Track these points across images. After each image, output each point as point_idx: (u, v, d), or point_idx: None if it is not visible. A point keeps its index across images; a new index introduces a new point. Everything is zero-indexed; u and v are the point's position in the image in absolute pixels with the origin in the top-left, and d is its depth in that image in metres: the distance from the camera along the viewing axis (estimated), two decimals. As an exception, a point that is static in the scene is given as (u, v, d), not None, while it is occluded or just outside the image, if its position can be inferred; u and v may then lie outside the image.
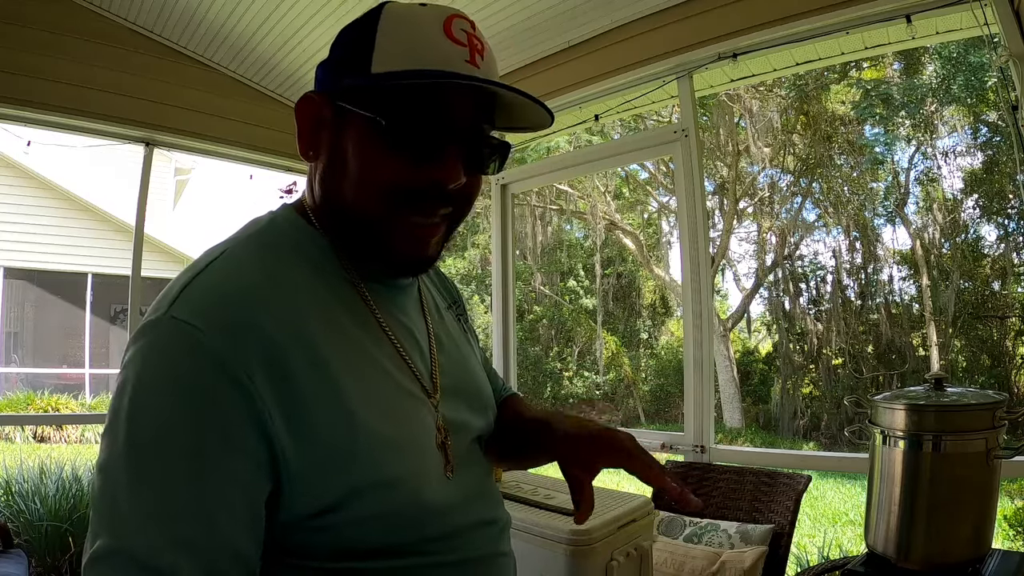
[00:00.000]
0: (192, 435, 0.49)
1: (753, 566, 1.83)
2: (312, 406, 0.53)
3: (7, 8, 2.72)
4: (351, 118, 0.59)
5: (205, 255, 0.59)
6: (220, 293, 0.54)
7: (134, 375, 0.51)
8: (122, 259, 8.51)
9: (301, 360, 0.54)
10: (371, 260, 0.64)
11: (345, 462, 0.54)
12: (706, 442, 2.44)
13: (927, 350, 9.11)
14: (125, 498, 0.47)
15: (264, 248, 0.61)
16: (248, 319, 0.53)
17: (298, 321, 0.56)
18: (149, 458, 0.48)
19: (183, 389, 0.50)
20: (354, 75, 0.58)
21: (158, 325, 0.52)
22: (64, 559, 3.29)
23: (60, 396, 8.49)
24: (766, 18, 2.31)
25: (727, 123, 10.06)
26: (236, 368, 0.50)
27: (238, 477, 0.50)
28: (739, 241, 11.56)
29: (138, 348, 0.52)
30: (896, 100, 8.94)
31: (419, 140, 0.58)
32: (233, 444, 0.50)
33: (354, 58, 0.59)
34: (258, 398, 0.51)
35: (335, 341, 0.58)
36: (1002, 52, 1.86)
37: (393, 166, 0.58)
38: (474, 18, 0.63)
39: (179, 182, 11.27)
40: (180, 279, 0.56)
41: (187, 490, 0.48)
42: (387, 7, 0.60)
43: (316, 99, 0.62)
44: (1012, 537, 4.01)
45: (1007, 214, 8.64)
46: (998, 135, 8.47)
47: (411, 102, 0.57)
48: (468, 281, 12.89)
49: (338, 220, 0.63)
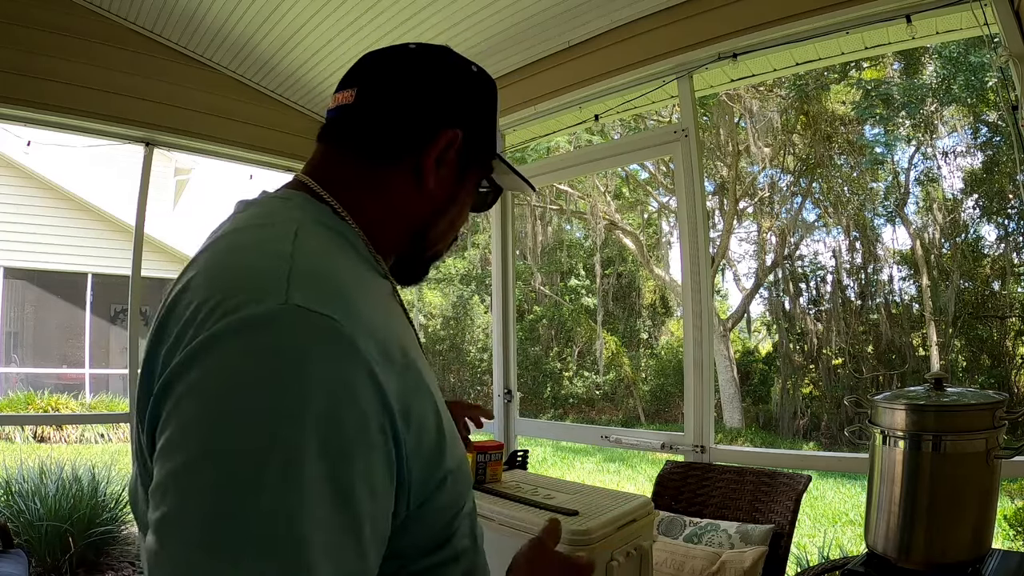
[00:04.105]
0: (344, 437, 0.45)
1: (753, 566, 1.83)
2: (416, 399, 0.52)
3: (8, 9, 2.72)
4: (474, 175, 0.72)
5: (263, 235, 0.55)
6: (335, 282, 0.51)
7: (271, 377, 0.43)
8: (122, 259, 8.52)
9: (397, 348, 0.52)
10: (399, 267, 0.70)
11: (441, 451, 0.55)
12: (706, 442, 2.44)
13: (927, 350, 9.11)
14: (304, 524, 0.41)
15: (324, 234, 0.59)
16: (359, 308, 0.50)
17: (383, 313, 0.56)
18: (317, 478, 0.42)
19: (337, 390, 0.45)
20: (489, 145, 0.72)
21: (283, 315, 0.46)
22: (64, 559, 3.29)
23: (60, 396, 8.49)
24: (766, 18, 2.31)
25: (727, 123, 10.06)
26: (372, 362, 0.48)
27: (381, 481, 0.48)
28: (739, 241, 11.57)
29: (261, 346, 0.45)
30: (896, 100, 8.94)
31: (491, 206, 0.80)
32: (379, 450, 0.47)
33: (490, 130, 0.72)
34: (388, 394, 0.48)
35: (402, 332, 0.58)
36: (1002, 52, 1.86)
37: (466, 217, 0.75)
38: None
39: (179, 182, 11.26)
40: (268, 263, 0.50)
41: (357, 509, 0.45)
42: (497, 94, 0.74)
43: (449, 138, 0.66)
44: (1012, 537, 4.01)
45: (1007, 214, 8.64)
46: (998, 135, 8.47)
47: (493, 178, 0.76)
48: (468, 281, 12.89)
49: (397, 235, 0.67)
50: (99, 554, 3.47)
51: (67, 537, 3.32)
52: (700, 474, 2.27)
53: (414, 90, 0.65)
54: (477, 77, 0.70)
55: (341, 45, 3.07)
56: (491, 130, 0.71)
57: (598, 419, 11.47)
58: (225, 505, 0.40)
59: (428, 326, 12.87)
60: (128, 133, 3.14)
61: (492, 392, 3.44)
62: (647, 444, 2.98)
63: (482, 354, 12.32)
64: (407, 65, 0.67)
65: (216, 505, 0.40)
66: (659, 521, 2.09)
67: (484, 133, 0.70)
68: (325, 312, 0.47)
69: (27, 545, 3.19)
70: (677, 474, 2.31)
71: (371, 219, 0.64)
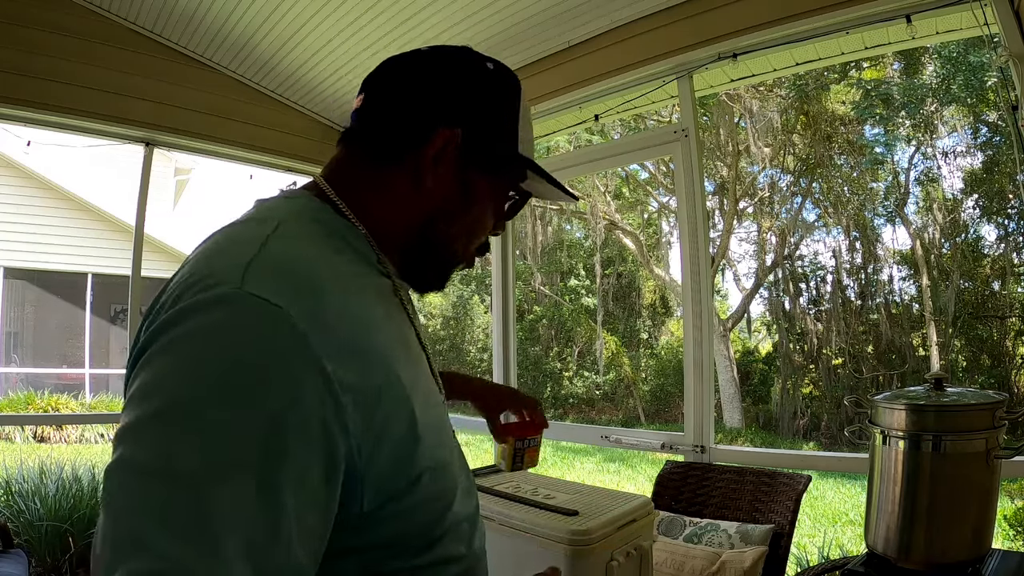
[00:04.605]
0: (279, 429, 0.45)
1: (753, 566, 1.83)
2: (383, 396, 0.53)
3: (8, 9, 2.72)
4: (488, 176, 0.69)
5: (250, 228, 0.57)
6: (294, 273, 0.52)
7: (208, 353, 0.46)
8: (122, 259, 8.51)
9: (368, 348, 0.53)
10: (410, 271, 0.70)
11: (412, 450, 0.55)
12: (706, 442, 2.44)
13: (927, 350, 9.12)
14: (216, 496, 0.42)
15: (313, 231, 0.60)
16: (323, 302, 0.51)
17: (361, 309, 0.56)
18: (240, 451, 0.43)
19: (274, 375, 0.46)
20: (504, 146, 0.69)
21: (232, 300, 0.48)
22: (64, 559, 3.29)
23: (60, 396, 8.49)
24: (766, 18, 2.31)
25: (727, 123, 10.06)
26: (322, 357, 0.48)
27: (315, 476, 0.48)
28: (739, 241, 11.58)
29: (209, 322, 0.47)
30: (896, 100, 8.94)
31: (516, 210, 0.77)
32: (316, 443, 0.47)
33: (504, 129, 0.70)
34: (340, 390, 0.49)
35: (389, 330, 0.59)
36: (1002, 52, 1.86)
37: (492, 222, 0.73)
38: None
39: (179, 182, 11.27)
40: (234, 252, 0.52)
41: (275, 492, 0.44)
42: (522, 92, 0.72)
43: (447, 136, 0.65)
44: (1012, 537, 4.01)
45: (1007, 214, 8.64)
46: (998, 135, 8.47)
47: (519, 180, 0.73)
48: (468, 281, 12.89)
49: (407, 237, 0.67)
50: (99, 554, 3.47)
51: (67, 537, 3.32)
52: (700, 474, 2.27)
53: (414, 89, 0.66)
54: (491, 74, 0.69)
55: (341, 45, 3.07)
56: (503, 129, 0.69)
57: (598, 419, 11.47)
58: (149, 483, 0.42)
59: (428, 326, 12.88)
60: (128, 133, 3.13)
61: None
62: (647, 444, 2.98)
63: (482, 354, 12.33)
64: (412, 66, 0.68)
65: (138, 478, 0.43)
66: (659, 521, 2.09)
67: (493, 131, 0.68)
68: (275, 302, 0.48)
69: (27, 545, 3.19)
70: (677, 474, 2.31)
71: (376, 217, 0.65)
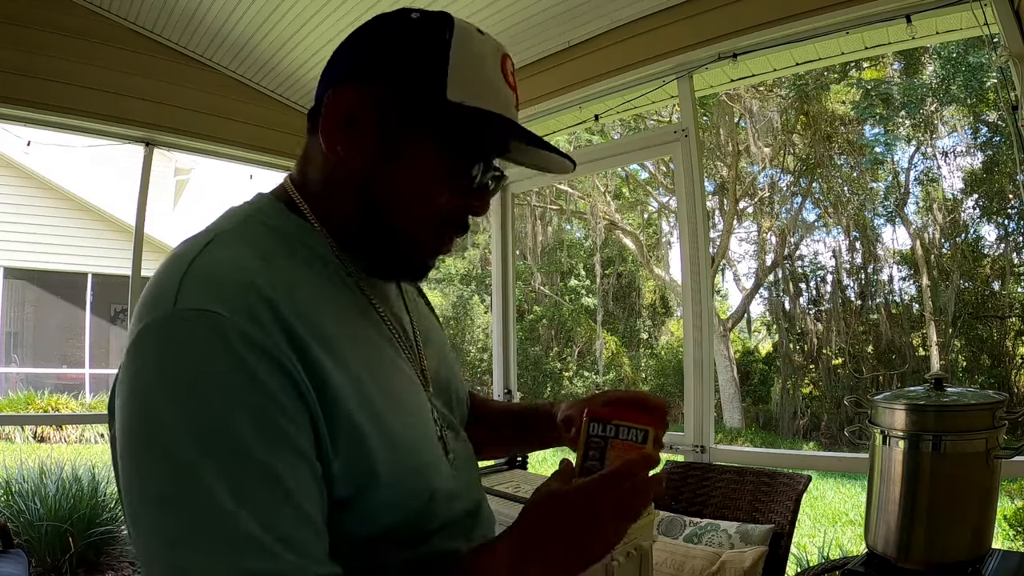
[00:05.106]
0: (259, 424, 0.46)
1: (753, 566, 1.83)
2: (337, 392, 0.52)
3: (7, 8, 2.72)
4: (418, 134, 0.59)
5: (191, 243, 0.55)
6: (226, 276, 0.51)
7: (163, 374, 0.46)
8: (122, 259, 8.51)
9: (318, 344, 0.52)
10: (375, 261, 0.64)
11: (369, 449, 0.53)
12: (706, 442, 2.44)
13: (927, 350, 9.12)
14: (222, 510, 0.43)
15: (257, 232, 0.58)
16: (264, 301, 0.50)
17: (307, 306, 0.54)
18: (231, 464, 0.45)
19: (233, 379, 0.46)
20: (427, 93, 0.58)
21: (165, 323, 0.48)
22: (64, 559, 3.29)
23: (60, 396, 8.49)
24: (766, 18, 2.31)
25: (727, 123, 10.06)
26: (272, 348, 0.48)
27: (307, 457, 0.49)
28: (739, 241, 11.58)
29: (150, 351, 0.47)
30: (896, 100, 8.94)
31: (475, 174, 0.62)
32: (295, 424, 0.48)
33: (426, 74, 0.58)
34: (300, 379, 0.49)
35: (343, 327, 0.57)
36: (1002, 52, 1.86)
37: (447, 192, 0.61)
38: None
39: (179, 182, 11.27)
40: (170, 272, 0.52)
41: (279, 485, 0.46)
42: (457, 29, 0.59)
43: (357, 93, 0.58)
44: (1012, 537, 4.01)
45: (1007, 214, 8.65)
46: (998, 135, 8.47)
47: (477, 138, 0.61)
48: (468, 281, 12.89)
49: (354, 219, 0.61)
50: (99, 554, 3.47)
51: (67, 537, 3.32)
52: (700, 474, 2.27)
53: (335, 55, 0.63)
54: (412, 22, 0.59)
55: (341, 45, 3.07)
56: (429, 76, 0.57)
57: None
58: (142, 506, 0.46)
59: (428, 326, 12.85)
60: (128, 133, 3.13)
61: (492, 392, 3.44)
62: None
63: (482, 354, 12.33)
64: (349, 37, 0.63)
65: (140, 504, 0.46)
66: (659, 521, 2.09)
67: (416, 82, 0.58)
68: (209, 308, 0.48)
69: (27, 545, 3.19)
70: (677, 474, 2.31)
71: (313, 193, 0.62)
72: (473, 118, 0.58)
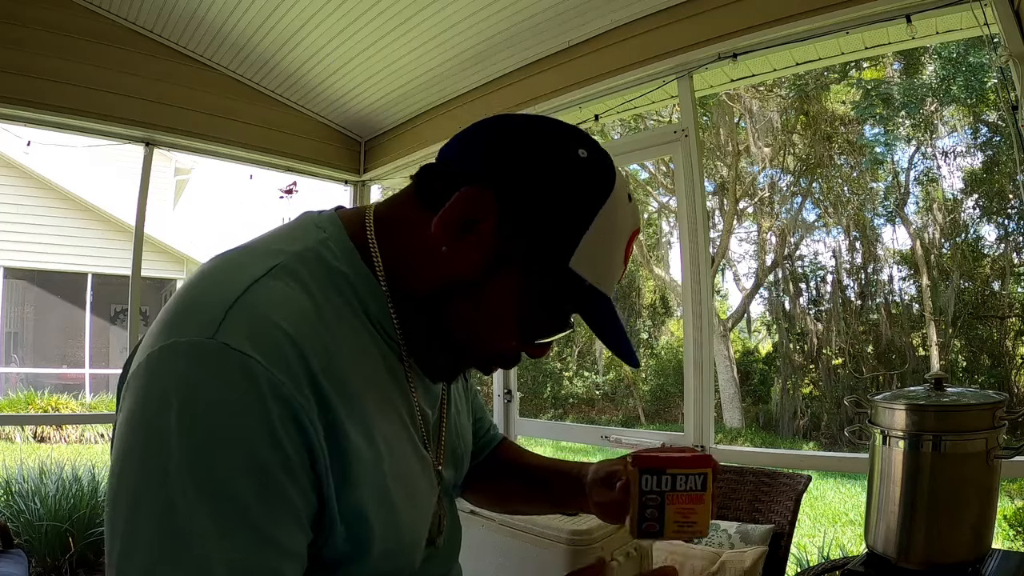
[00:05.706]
0: (258, 472, 0.47)
1: (753, 566, 1.83)
2: (353, 461, 0.52)
3: (7, 8, 2.72)
4: (522, 275, 0.57)
5: (247, 267, 0.54)
6: (273, 324, 0.50)
7: (183, 399, 0.46)
8: (122, 259, 8.51)
9: (345, 410, 0.52)
10: (416, 347, 0.62)
11: (370, 528, 0.54)
12: (706, 442, 2.44)
13: (927, 350, 9.11)
14: (205, 538, 0.44)
15: (317, 272, 0.56)
16: (301, 359, 0.50)
17: (344, 367, 0.53)
18: (221, 496, 0.45)
19: (255, 431, 0.47)
20: (553, 252, 0.56)
21: (206, 349, 0.47)
22: (64, 559, 3.29)
23: (60, 396, 8.50)
24: (766, 18, 2.31)
25: (727, 123, 10.06)
26: (299, 407, 0.48)
27: (297, 519, 0.50)
28: (739, 241, 11.56)
29: (181, 369, 0.47)
30: (896, 100, 8.94)
31: (551, 332, 0.61)
32: (297, 486, 0.49)
33: (561, 235, 0.56)
34: (317, 443, 0.50)
35: (372, 394, 0.57)
36: (1002, 52, 1.86)
37: (516, 335, 0.60)
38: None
39: (179, 182, 11.26)
40: (220, 294, 0.51)
41: (256, 532, 0.46)
42: (612, 196, 0.58)
43: (492, 210, 0.56)
44: (1012, 537, 4.01)
45: (1007, 214, 8.64)
46: (998, 135, 8.47)
47: (571, 306, 0.60)
48: (468, 281, 12.87)
49: (418, 302, 0.59)
50: (99, 554, 3.47)
51: (67, 537, 3.32)
52: (700, 474, 2.27)
53: (480, 143, 0.59)
54: (574, 161, 0.57)
55: (341, 45, 3.07)
56: (561, 230, 0.56)
57: (598, 419, 11.47)
58: (124, 522, 0.45)
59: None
60: (128, 133, 3.14)
61: (492, 392, 3.44)
62: (647, 444, 2.98)
63: (482, 354, 12.29)
64: (499, 123, 0.60)
65: (121, 523, 0.46)
66: (659, 521, 2.09)
67: (547, 226, 0.56)
68: (248, 352, 0.47)
69: (27, 545, 3.19)
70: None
71: (394, 252, 0.60)
72: (579, 288, 0.57)
